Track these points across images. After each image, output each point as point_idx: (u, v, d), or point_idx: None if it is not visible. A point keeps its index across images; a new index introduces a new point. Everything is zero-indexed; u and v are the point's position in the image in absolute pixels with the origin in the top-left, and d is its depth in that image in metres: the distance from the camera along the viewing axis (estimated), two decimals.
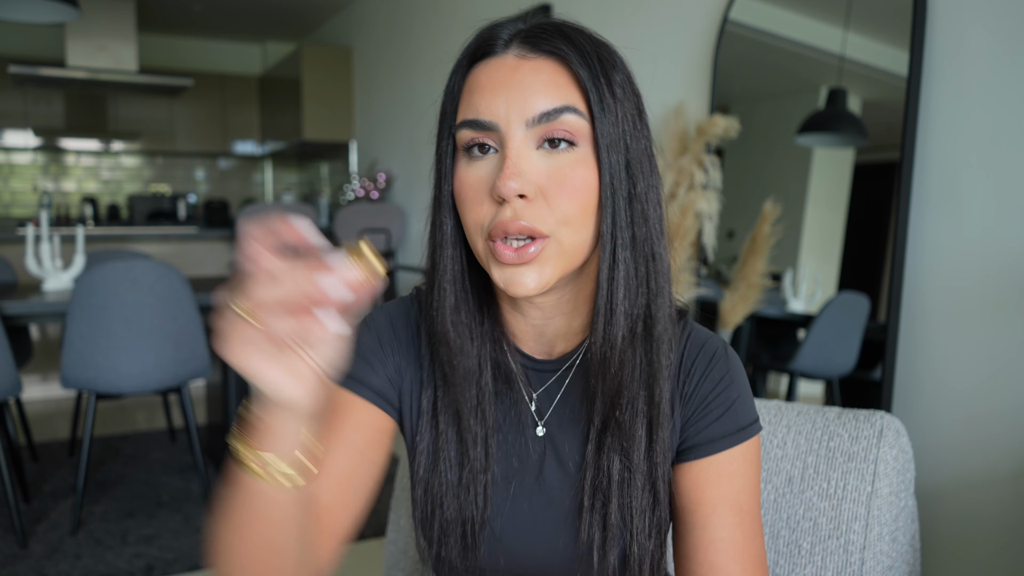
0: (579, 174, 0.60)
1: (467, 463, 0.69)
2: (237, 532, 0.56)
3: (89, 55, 4.81)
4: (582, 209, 0.61)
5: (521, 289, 0.61)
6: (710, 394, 0.69)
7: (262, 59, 6.69)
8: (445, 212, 0.66)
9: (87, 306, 2.28)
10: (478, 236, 0.62)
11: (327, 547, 0.65)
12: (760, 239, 1.97)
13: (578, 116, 0.60)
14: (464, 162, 0.63)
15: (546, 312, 0.68)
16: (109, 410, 3.92)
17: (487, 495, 0.69)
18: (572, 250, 0.62)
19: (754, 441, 0.70)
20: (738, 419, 0.69)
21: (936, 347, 1.57)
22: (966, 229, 1.52)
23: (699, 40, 2.22)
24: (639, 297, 0.63)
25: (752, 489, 0.69)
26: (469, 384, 0.68)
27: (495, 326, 0.70)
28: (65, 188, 6.01)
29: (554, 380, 0.72)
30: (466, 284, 0.67)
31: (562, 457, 0.70)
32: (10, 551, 2.22)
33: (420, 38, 4.25)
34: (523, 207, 0.59)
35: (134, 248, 4.18)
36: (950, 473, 1.54)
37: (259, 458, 0.51)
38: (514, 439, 0.71)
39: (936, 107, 1.57)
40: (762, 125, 2.06)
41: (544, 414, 0.72)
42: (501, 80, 0.61)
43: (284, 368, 0.46)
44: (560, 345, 0.71)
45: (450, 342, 0.67)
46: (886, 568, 0.85)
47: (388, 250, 4.50)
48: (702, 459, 0.68)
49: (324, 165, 6.24)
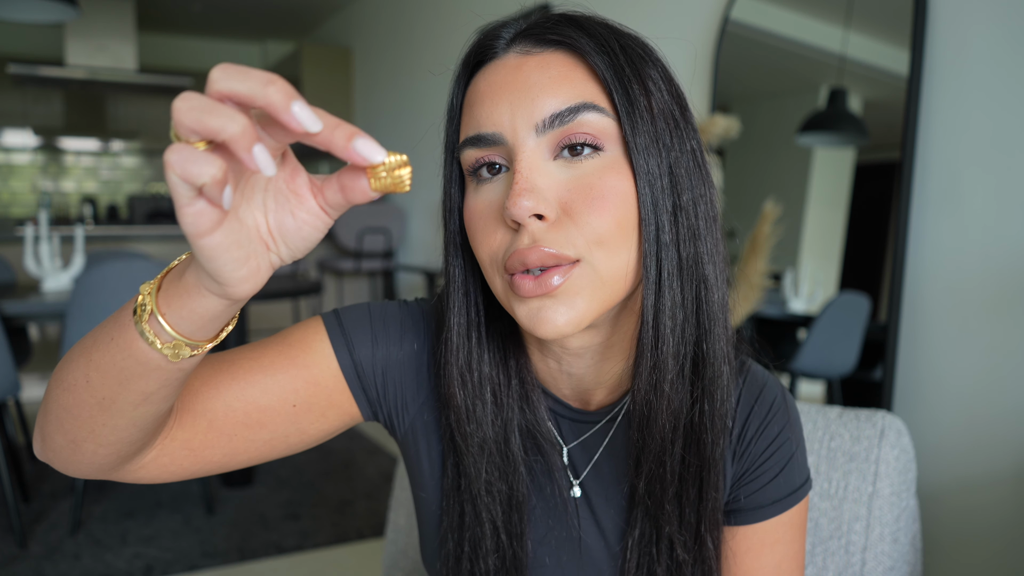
0: (609, 183, 0.49)
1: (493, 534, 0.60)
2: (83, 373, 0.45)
3: (89, 55, 4.81)
4: (617, 224, 0.49)
5: (550, 328, 0.49)
6: (764, 452, 0.60)
7: (262, 59, 6.69)
8: (453, 253, 0.56)
9: (86, 306, 2.27)
10: (495, 272, 0.52)
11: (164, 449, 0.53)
12: (760, 239, 1.96)
13: (600, 114, 0.50)
14: (472, 189, 0.53)
15: (585, 359, 0.57)
16: None
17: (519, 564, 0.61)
18: (610, 277, 0.50)
19: (803, 504, 0.61)
20: (792, 482, 0.60)
21: (937, 347, 1.57)
22: (967, 229, 1.51)
23: (699, 40, 2.22)
24: (687, 333, 0.53)
25: (795, 555, 0.61)
26: (484, 457, 0.58)
27: (523, 384, 0.59)
28: (64, 188, 6.00)
29: (592, 434, 0.61)
30: (481, 336, 0.57)
31: (601, 523, 0.61)
32: (10, 551, 2.22)
33: (420, 38, 4.25)
34: (543, 231, 0.49)
35: (133, 248, 4.18)
36: (951, 473, 1.54)
37: (157, 317, 0.41)
38: (547, 510, 0.62)
39: (937, 107, 1.56)
40: (762, 125, 2.06)
41: (580, 472, 0.62)
42: (502, 83, 0.51)
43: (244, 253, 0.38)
44: (600, 394, 0.60)
45: (457, 407, 0.57)
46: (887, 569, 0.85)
47: (388, 250, 4.50)
48: (748, 525, 0.60)
49: (324, 165, 6.24)
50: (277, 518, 2.51)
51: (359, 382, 0.60)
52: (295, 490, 2.76)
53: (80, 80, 4.82)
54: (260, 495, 2.70)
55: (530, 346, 0.60)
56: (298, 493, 2.74)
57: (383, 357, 0.61)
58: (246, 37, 6.44)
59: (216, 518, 2.49)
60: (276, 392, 0.56)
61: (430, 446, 0.63)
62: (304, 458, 3.11)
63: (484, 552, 0.59)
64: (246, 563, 2.19)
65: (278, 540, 2.35)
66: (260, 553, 2.25)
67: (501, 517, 0.59)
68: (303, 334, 0.59)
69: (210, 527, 2.42)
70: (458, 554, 0.60)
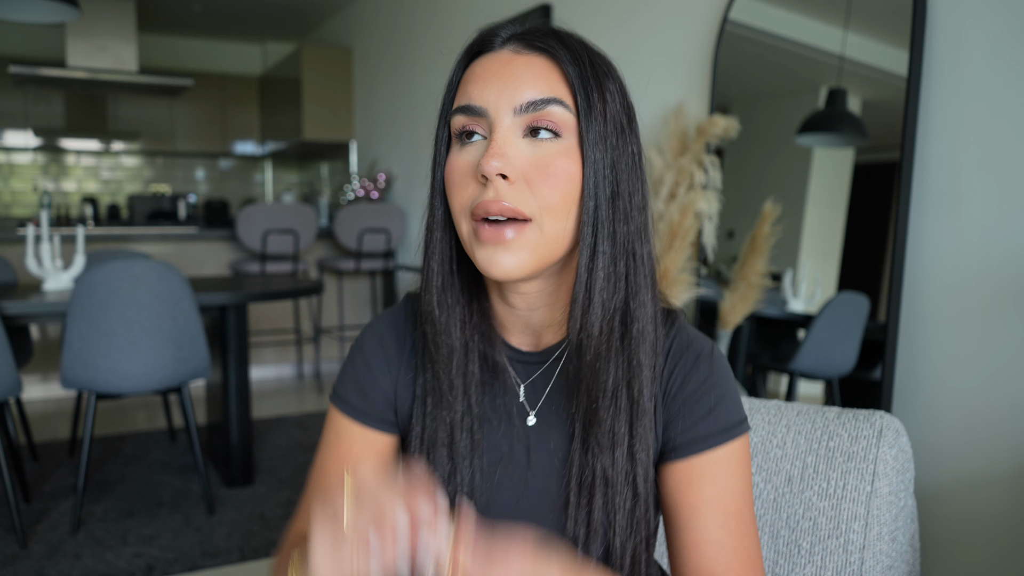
0: (562, 164, 0.63)
1: (450, 446, 0.70)
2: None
3: (89, 55, 4.81)
4: (563, 198, 0.63)
5: (499, 270, 0.63)
6: (692, 395, 0.70)
7: (262, 59, 6.69)
8: (437, 198, 0.69)
9: (87, 306, 2.28)
10: (463, 217, 0.65)
11: None
12: (760, 239, 1.97)
13: (564, 109, 0.63)
14: (456, 148, 0.66)
15: (530, 302, 0.70)
16: (109, 410, 3.92)
17: (474, 482, 0.71)
18: (552, 238, 0.63)
19: (740, 442, 0.70)
20: (721, 420, 0.69)
21: (936, 347, 1.57)
22: (966, 229, 1.52)
23: (699, 40, 2.22)
24: (617, 292, 0.65)
25: (738, 490, 0.69)
26: (452, 364, 0.69)
27: (484, 319, 0.72)
28: (65, 188, 6.01)
29: (541, 372, 0.73)
30: (454, 269, 0.70)
31: (550, 449, 0.71)
32: (10, 551, 2.22)
33: (420, 38, 4.25)
34: (505, 188, 0.62)
35: (134, 248, 4.18)
36: (950, 473, 1.54)
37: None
38: (503, 429, 0.72)
39: (936, 107, 1.57)
40: (762, 125, 2.06)
41: (535, 405, 0.73)
42: (494, 71, 0.64)
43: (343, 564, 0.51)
44: (547, 337, 0.73)
45: (435, 320, 0.69)
46: (885, 568, 0.86)
47: (388, 250, 4.51)
48: (683, 460, 0.69)
49: (324, 165, 6.25)
50: (278, 518, 2.51)
51: (378, 420, 0.75)
52: (296, 490, 2.76)
53: (81, 80, 4.82)
54: (261, 495, 2.71)
55: (491, 292, 0.72)
56: (298, 493, 2.74)
57: (381, 389, 0.75)
58: (246, 37, 6.45)
59: (217, 518, 2.50)
60: None
61: (409, 393, 0.75)
62: (304, 458, 3.11)
63: (440, 458, 0.70)
64: (247, 563, 2.19)
65: (279, 540, 2.35)
66: (261, 553, 2.26)
67: (461, 423, 0.70)
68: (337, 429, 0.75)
69: (211, 527, 2.42)
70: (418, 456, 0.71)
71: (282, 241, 4.26)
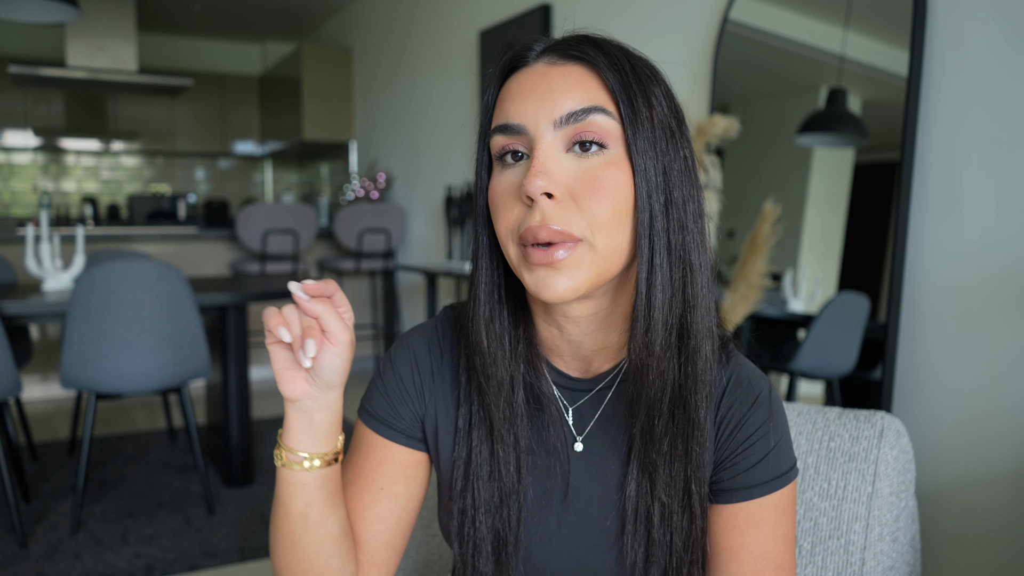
0: (610, 176, 0.59)
1: (499, 481, 0.68)
2: (277, 529, 0.66)
3: (89, 55, 4.81)
4: (614, 211, 0.59)
5: (552, 293, 0.59)
6: (748, 439, 0.67)
7: (262, 59, 6.69)
8: (481, 224, 0.66)
9: (87, 306, 2.28)
10: (509, 242, 0.62)
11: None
12: (760, 239, 1.97)
13: (607, 117, 0.59)
14: (497, 171, 0.63)
15: (582, 326, 0.66)
16: (109, 410, 3.92)
17: (520, 515, 0.68)
18: (606, 255, 0.60)
19: (788, 489, 0.67)
20: (772, 469, 0.67)
21: (936, 347, 1.57)
22: (966, 229, 1.51)
23: (699, 40, 2.22)
24: (675, 306, 0.62)
25: (780, 537, 0.66)
26: (500, 398, 0.67)
27: (530, 347, 0.69)
28: (65, 188, 6.01)
29: (589, 399, 0.70)
30: (502, 297, 0.67)
31: (602, 477, 0.69)
32: (10, 551, 2.22)
33: (420, 38, 4.25)
34: (551, 209, 0.58)
35: (134, 248, 4.18)
36: (950, 473, 1.54)
37: (282, 447, 0.63)
38: (549, 461, 0.70)
39: (936, 107, 1.57)
40: (762, 125, 2.06)
41: (582, 431, 0.70)
42: (530, 85, 0.61)
43: (300, 378, 0.61)
44: (597, 362, 0.69)
45: (484, 352, 0.66)
46: (887, 568, 0.85)
47: (388, 250, 4.51)
48: (730, 504, 0.67)
49: (324, 165, 6.25)
50: None
51: (407, 436, 0.73)
52: None
53: (81, 80, 4.82)
54: (261, 495, 2.70)
55: (536, 316, 0.69)
56: None
57: (412, 406, 0.73)
58: (246, 37, 6.45)
59: (217, 518, 2.49)
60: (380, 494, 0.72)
61: (448, 418, 0.73)
62: None
63: (486, 492, 0.69)
64: (247, 563, 2.19)
65: None
66: (261, 553, 2.25)
67: (508, 457, 0.68)
68: (368, 447, 0.74)
69: (211, 527, 2.42)
70: (463, 488, 0.70)
71: (282, 241, 4.26)
